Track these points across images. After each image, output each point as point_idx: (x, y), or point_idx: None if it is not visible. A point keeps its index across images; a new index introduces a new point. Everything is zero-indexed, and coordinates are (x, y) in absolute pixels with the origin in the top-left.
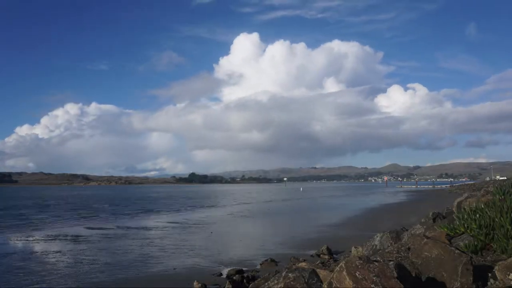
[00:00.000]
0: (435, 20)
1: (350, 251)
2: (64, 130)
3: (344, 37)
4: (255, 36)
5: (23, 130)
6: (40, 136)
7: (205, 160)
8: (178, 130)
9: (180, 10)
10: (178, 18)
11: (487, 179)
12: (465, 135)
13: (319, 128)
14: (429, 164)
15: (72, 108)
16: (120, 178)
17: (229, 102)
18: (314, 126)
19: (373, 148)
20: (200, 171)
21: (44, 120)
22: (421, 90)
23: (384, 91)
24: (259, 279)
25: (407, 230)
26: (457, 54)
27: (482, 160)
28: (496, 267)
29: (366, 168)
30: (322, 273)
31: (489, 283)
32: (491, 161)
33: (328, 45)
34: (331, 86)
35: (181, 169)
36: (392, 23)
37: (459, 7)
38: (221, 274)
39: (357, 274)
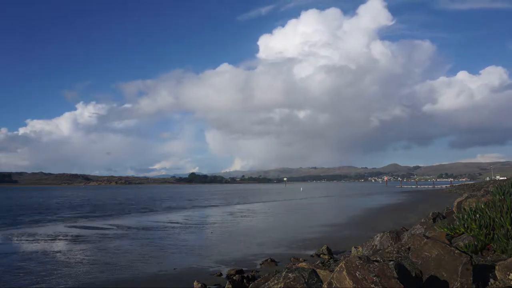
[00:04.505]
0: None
1: (350, 251)
2: (75, 128)
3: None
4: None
5: (35, 125)
6: (52, 134)
7: (208, 159)
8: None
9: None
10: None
11: (487, 179)
12: (465, 135)
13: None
14: (429, 164)
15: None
16: (120, 178)
17: None
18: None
19: (374, 147)
20: (201, 171)
21: (63, 116)
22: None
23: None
24: (259, 279)
25: (407, 230)
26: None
27: (482, 160)
28: (496, 267)
29: (366, 168)
30: (322, 273)
31: (489, 283)
32: (491, 161)
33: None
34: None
35: (186, 169)
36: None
37: None
38: (221, 274)
39: (357, 274)
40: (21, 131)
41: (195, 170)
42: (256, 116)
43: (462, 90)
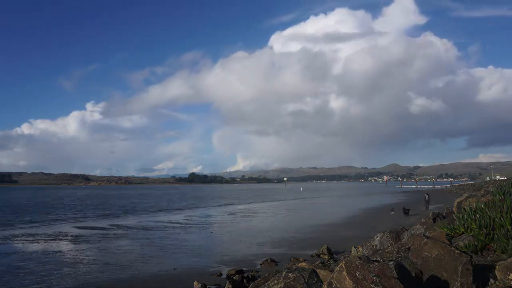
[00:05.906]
0: None
1: (350, 251)
2: (81, 128)
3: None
4: None
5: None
6: (58, 134)
7: (212, 158)
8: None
9: None
10: None
11: (487, 179)
12: (465, 136)
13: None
14: (429, 164)
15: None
16: (120, 178)
17: None
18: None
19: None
20: (203, 170)
21: (71, 116)
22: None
23: None
24: (259, 279)
25: (407, 230)
26: None
27: (482, 160)
28: (496, 267)
29: (366, 168)
30: (322, 273)
31: (489, 283)
32: (492, 161)
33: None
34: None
35: (188, 169)
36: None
37: None
38: (221, 274)
39: (357, 274)
40: (21, 131)
41: (198, 169)
42: (266, 112)
43: (491, 85)
